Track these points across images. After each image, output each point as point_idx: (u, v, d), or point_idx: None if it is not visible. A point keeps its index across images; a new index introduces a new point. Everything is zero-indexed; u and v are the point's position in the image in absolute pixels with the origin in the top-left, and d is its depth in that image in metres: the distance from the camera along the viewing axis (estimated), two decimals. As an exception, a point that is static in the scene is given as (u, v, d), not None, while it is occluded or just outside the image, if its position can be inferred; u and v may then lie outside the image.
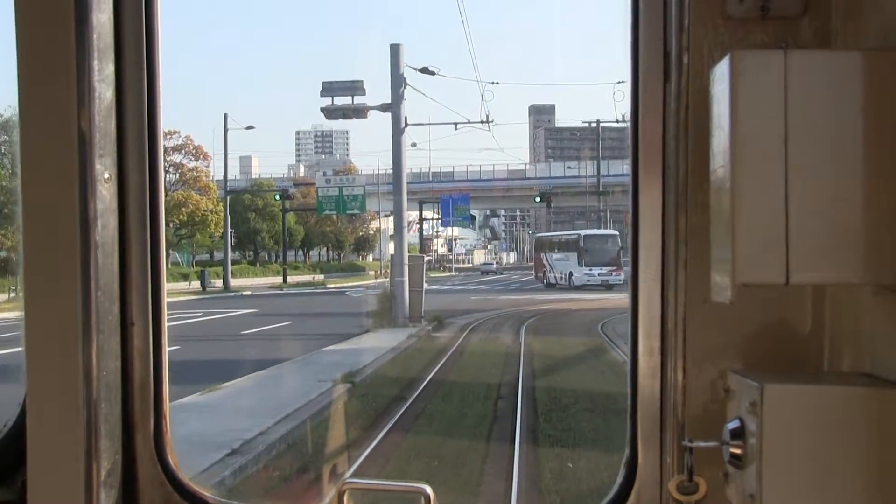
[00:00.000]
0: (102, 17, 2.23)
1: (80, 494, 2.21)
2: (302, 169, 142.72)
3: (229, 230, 58.18)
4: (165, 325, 2.41)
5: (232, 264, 74.83)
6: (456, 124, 37.20)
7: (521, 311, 39.59)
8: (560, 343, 24.95)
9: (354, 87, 36.24)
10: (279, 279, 65.40)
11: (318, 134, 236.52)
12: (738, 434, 1.84)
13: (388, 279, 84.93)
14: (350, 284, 61.36)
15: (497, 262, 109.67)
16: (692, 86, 1.99)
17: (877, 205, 1.65)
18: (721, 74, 1.73)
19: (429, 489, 2.17)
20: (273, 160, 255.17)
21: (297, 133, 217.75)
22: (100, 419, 2.24)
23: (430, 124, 36.98)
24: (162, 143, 2.38)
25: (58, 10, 2.15)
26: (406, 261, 29.21)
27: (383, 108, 31.98)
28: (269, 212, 73.27)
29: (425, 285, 31.35)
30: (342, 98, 35.41)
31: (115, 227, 2.30)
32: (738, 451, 1.83)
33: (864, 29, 1.81)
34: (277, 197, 67.54)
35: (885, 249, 1.65)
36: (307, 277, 71.60)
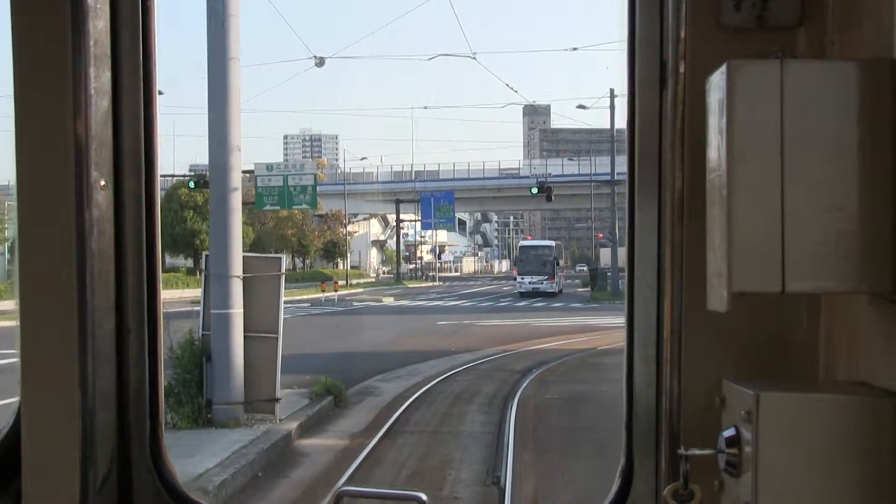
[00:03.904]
0: (99, 24, 2.20)
1: (76, 503, 2.16)
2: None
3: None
4: (162, 333, 2.37)
5: (167, 272, 57.22)
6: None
7: (508, 361, 20.17)
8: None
9: None
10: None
11: (307, 138, 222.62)
12: (734, 442, 1.80)
13: (354, 291, 66.95)
14: (296, 298, 46.95)
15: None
16: (688, 95, 1.97)
17: (872, 214, 1.66)
18: (717, 84, 1.73)
19: (424, 496, 2.15)
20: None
21: (285, 137, 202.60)
22: (95, 427, 2.20)
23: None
24: (158, 151, 2.36)
25: (54, 18, 2.12)
26: (237, 273, 10.25)
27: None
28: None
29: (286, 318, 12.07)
30: None
31: (112, 235, 2.27)
32: (733, 459, 1.80)
33: (860, 39, 1.81)
34: (192, 185, 49.30)
35: (880, 258, 1.66)
36: (256, 288, 52.64)
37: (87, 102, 2.13)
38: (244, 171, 68.65)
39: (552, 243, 62.74)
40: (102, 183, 2.20)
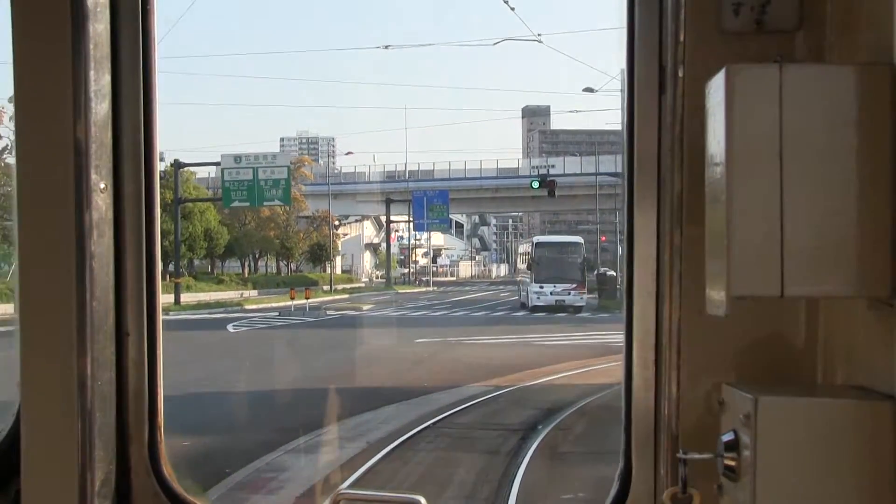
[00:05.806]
0: (99, 28, 2.20)
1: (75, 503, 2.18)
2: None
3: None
4: (161, 335, 2.36)
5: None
6: None
7: (501, 408, 12.24)
8: None
9: None
10: (187, 298, 47.11)
11: (304, 140, 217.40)
12: (733, 446, 1.81)
13: (336, 297, 60.20)
14: (265, 307, 43.19)
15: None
16: (687, 99, 1.98)
17: (870, 218, 1.67)
18: (716, 88, 1.75)
19: (423, 500, 2.13)
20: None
21: (282, 140, 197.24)
22: (94, 429, 2.19)
23: None
24: (158, 154, 2.37)
25: (55, 21, 2.13)
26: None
27: None
28: (183, 209, 52.34)
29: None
30: None
31: (111, 238, 2.27)
32: (732, 463, 1.81)
33: (858, 44, 1.83)
34: (143, 177, 43.52)
35: (878, 263, 1.67)
36: (231, 294, 53.79)
37: (87, 105, 2.14)
38: (213, 164, 62.14)
39: (579, 239, 46.13)
40: (102, 186, 2.21)
